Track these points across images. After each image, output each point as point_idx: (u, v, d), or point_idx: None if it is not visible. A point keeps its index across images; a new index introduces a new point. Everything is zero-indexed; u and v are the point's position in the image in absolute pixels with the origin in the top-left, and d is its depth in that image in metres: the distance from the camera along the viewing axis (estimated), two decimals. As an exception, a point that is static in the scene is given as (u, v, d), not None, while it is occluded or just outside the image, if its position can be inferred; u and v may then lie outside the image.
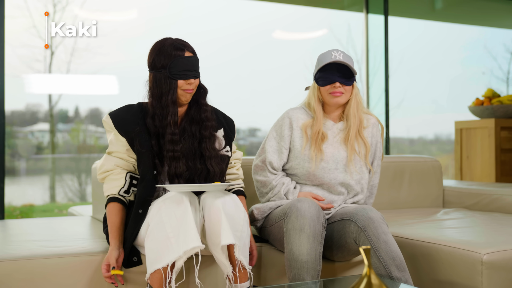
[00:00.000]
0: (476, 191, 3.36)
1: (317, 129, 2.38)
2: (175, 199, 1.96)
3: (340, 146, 2.41)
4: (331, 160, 2.39)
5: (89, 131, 5.73)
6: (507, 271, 2.11)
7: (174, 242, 1.89)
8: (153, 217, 1.96)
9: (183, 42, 2.15)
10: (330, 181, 2.38)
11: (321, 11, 6.07)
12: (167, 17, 5.64)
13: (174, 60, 2.08)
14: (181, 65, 2.09)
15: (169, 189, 2.01)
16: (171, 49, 2.10)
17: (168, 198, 1.98)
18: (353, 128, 2.40)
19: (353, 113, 2.40)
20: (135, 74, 5.20)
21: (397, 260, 2.07)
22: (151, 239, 1.93)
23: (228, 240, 1.92)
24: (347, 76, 2.35)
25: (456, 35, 6.97)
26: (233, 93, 5.58)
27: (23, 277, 1.99)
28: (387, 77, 5.52)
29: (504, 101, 4.60)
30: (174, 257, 1.88)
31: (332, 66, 2.35)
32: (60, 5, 5.16)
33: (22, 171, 5.41)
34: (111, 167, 2.14)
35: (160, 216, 1.93)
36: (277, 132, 2.45)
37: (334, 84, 2.34)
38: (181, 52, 2.10)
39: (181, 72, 2.09)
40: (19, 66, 5.00)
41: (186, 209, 1.94)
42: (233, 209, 2.00)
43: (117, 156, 2.15)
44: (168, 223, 1.91)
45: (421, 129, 7.09)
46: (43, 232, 2.57)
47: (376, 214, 2.17)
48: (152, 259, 1.91)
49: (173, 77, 2.08)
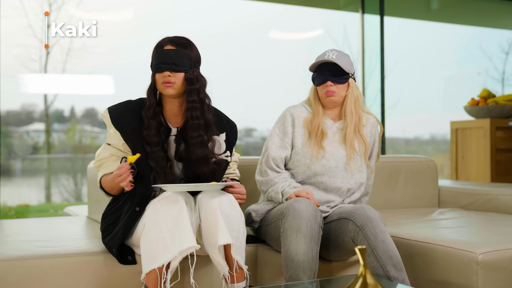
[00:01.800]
0: (471, 191, 3.37)
1: (316, 123, 2.39)
2: (170, 199, 1.96)
3: (339, 145, 2.42)
4: (332, 158, 2.39)
5: (85, 131, 5.72)
6: (502, 270, 2.12)
7: (169, 243, 1.88)
8: (149, 217, 1.96)
9: (171, 38, 2.15)
10: (329, 178, 2.38)
11: (316, 11, 6.08)
12: (163, 17, 5.64)
13: (154, 54, 2.13)
14: (158, 58, 2.10)
15: (165, 189, 2.00)
16: (156, 45, 2.16)
17: (164, 198, 1.98)
18: (350, 126, 2.40)
19: (350, 111, 2.40)
20: (131, 74, 5.20)
21: (395, 259, 2.08)
22: (147, 239, 1.92)
23: (225, 240, 1.92)
24: (339, 75, 2.36)
25: (451, 35, 6.99)
26: (229, 88, 5.58)
27: (18, 277, 1.98)
28: (383, 77, 5.53)
29: (499, 101, 4.62)
30: (169, 257, 1.87)
31: (324, 66, 2.37)
32: (55, 4, 5.15)
33: (17, 171, 5.39)
34: (107, 155, 2.17)
35: (155, 216, 1.93)
36: (280, 129, 2.45)
37: (326, 83, 2.36)
38: (161, 47, 2.13)
39: (157, 65, 2.10)
40: (14, 65, 4.99)
41: (182, 209, 1.93)
42: (229, 209, 2.00)
43: (114, 147, 2.17)
44: (163, 223, 1.91)
45: (416, 129, 7.10)
46: (39, 233, 2.57)
47: (374, 213, 2.18)
48: (148, 259, 1.91)
49: (152, 71, 2.14)
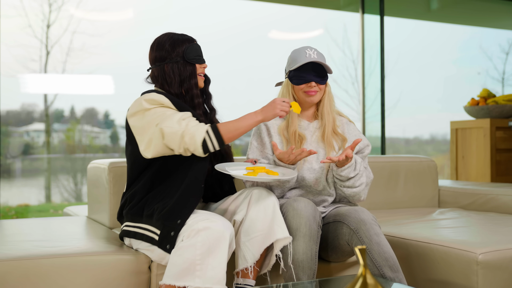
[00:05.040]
0: (471, 191, 3.36)
1: (293, 130, 2.35)
2: (216, 233, 1.92)
3: (318, 144, 2.38)
4: (313, 159, 2.37)
5: (85, 131, 5.72)
6: (502, 270, 2.12)
7: (198, 270, 1.89)
8: (190, 234, 1.92)
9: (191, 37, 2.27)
10: (316, 180, 2.36)
11: (316, 11, 6.08)
12: (163, 17, 5.64)
13: (189, 46, 2.18)
14: (195, 50, 2.19)
15: (230, 173, 2.08)
16: (182, 38, 2.21)
17: (211, 228, 1.92)
18: (328, 126, 2.37)
19: (327, 111, 2.38)
20: (131, 73, 5.20)
21: (390, 261, 2.08)
22: (179, 255, 1.92)
23: (283, 234, 2.05)
24: (322, 75, 2.33)
25: (451, 35, 6.99)
26: (228, 86, 5.58)
27: (18, 277, 1.98)
28: (382, 77, 5.52)
29: (499, 101, 4.62)
30: (193, 284, 1.89)
31: (307, 65, 2.32)
32: (55, 4, 5.15)
33: (17, 171, 5.39)
34: (183, 115, 2.03)
35: (196, 239, 1.91)
36: (257, 141, 2.40)
37: (310, 83, 2.32)
38: (192, 39, 2.23)
39: (196, 57, 2.19)
40: (14, 65, 4.99)
41: (223, 250, 1.92)
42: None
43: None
44: (200, 249, 1.89)
45: (416, 129, 7.10)
46: (39, 232, 2.57)
47: (368, 216, 2.17)
48: (172, 273, 1.92)
49: (190, 61, 2.18)
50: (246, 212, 2.11)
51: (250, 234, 2.08)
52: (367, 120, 5.67)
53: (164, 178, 2.11)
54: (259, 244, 2.07)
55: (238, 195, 2.23)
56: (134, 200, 2.14)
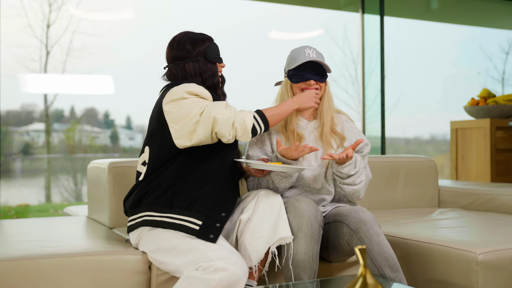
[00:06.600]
0: (471, 191, 3.37)
1: (291, 129, 2.36)
2: (234, 278, 1.94)
3: (316, 143, 2.38)
4: (313, 157, 2.37)
5: (85, 131, 5.72)
6: (502, 270, 2.12)
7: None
8: (207, 268, 1.95)
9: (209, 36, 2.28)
10: (314, 178, 2.36)
11: (316, 11, 6.08)
12: (163, 17, 5.64)
13: (210, 45, 2.20)
14: (215, 49, 2.22)
15: (251, 165, 2.13)
16: (202, 37, 2.22)
17: (229, 271, 1.94)
18: (326, 125, 2.37)
19: (326, 110, 2.38)
20: (130, 73, 5.20)
21: (390, 261, 2.08)
22: (190, 283, 1.96)
23: (287, 233, 2.08)
24: (321, 74, 2.33)
25: (451, 35, 6.98)
26: (228, 85, 5.58)
27: (18, 277, 1.98)
28: (382, 77, 5.52)
29: (499, 101, 4.62)
30: None
31: (306, 64, 2.32)
32: (55, 4, 5.15)
33: (17, 171, 5.39)
34: (225, 103, 2.08)
35: (212, 276, 1.93)
36: (257, 138, 2.41)
37: (309, 82, 2.32)
38: (211, 38, 2.24)
39: (217, 56, 2.22)
40: (14, 65, 4.99)
41: None
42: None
43: None
44: (202, 264, 1.97)
45: (416, 129, 7.10)
46: (39, 232, 2.57)
47: (368, 216, 2.17)
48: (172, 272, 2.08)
49: (211, 60, 2.19)
50: (252, 212, 2.13)
51: (256, 234, 2.10)
52: (367, 120, 5.68)
53: (194, 168, 2.11)
54: (264, 244, 2.09)
55: (246, 196, 2.25)
56: (160, 189, 2.09)
